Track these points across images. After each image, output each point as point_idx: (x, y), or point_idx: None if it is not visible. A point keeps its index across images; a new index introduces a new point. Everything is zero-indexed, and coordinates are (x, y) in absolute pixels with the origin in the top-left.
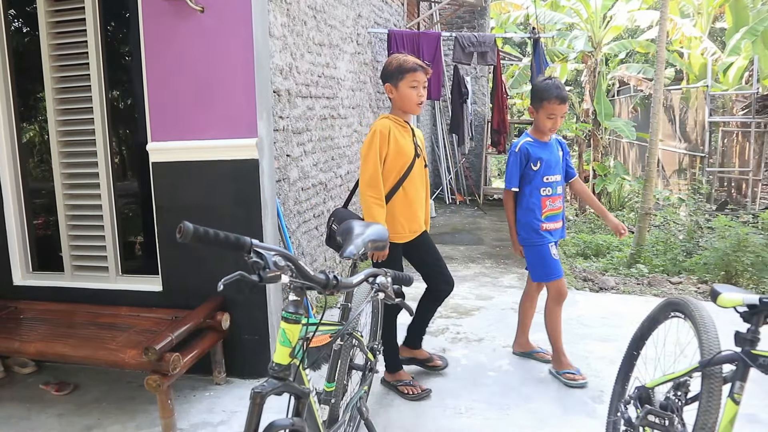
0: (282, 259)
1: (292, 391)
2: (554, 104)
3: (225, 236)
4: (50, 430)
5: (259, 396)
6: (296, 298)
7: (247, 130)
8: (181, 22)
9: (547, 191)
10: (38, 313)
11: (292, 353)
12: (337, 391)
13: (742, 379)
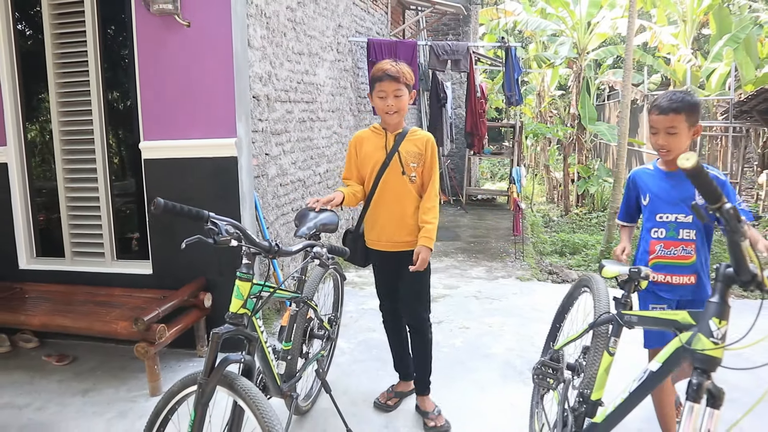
0: (232, 228)
1: (243, 334)
2: (653, 116)
3: (188, 209)
4: (51, 393)
5: (217, 336)
6: (247, 261)
7: (226, 131)
8: (170, 35)
9: (659, 233)
10: (41, 293)
11: (244, 305)
12: (293, 350)
13: (616, 335)
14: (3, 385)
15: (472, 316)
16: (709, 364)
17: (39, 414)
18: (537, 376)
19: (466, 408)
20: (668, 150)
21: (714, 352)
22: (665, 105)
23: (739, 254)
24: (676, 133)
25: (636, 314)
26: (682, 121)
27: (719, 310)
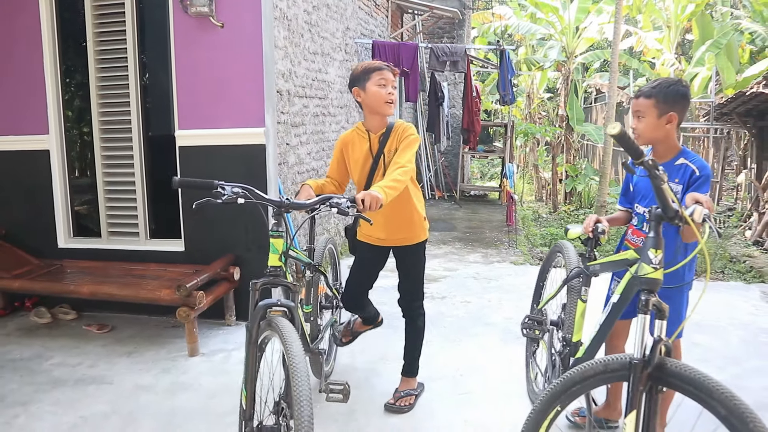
0: (239, 188)
1: (281, 283)
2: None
3: (200, 181)
4: (98, 355)
5: (255, 284)
6: (275, 220)
7: (256, 121)
8: (205, 34)
9: (634, 220)
10: (80, 269)
11: (280, 258)
12: (314, 312)
13: (586, 284)
14: (52, 349)
15: (472, 293)
16: (651, 284)
17: (91, 370)
18: (525, 328)
19: (471, 363)
20: (638, 134)
21: (653, 274)
22: (641, 90)
23: (662, 196)
24: (643, 117)
25: (598, 263)
26: (651, 106)
27: (654, 242)
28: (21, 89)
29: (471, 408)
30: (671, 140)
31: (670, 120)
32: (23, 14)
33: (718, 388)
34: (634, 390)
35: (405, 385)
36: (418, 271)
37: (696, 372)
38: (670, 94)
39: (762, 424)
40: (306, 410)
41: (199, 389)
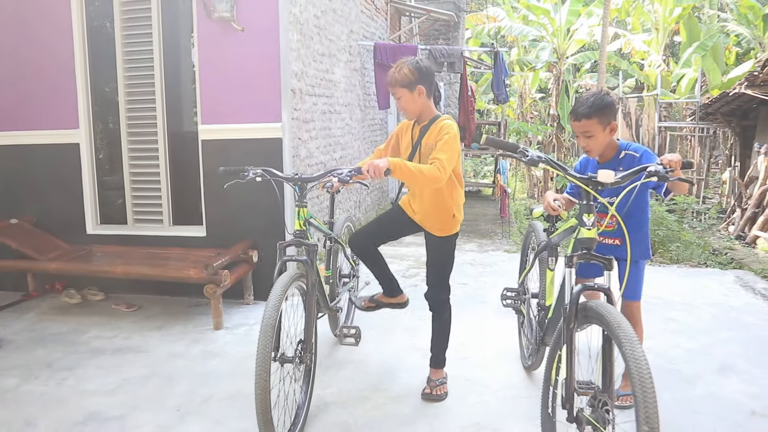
0: (260, 170)
1: (303, 243)
2: (572, 122)
3: (234, 168)
4: (130, 329)
5: (281, 244)
6: (300, 193)
7: (274, 116)
8: (226, 37)
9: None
10: (107, 253)
11: (303, 224)
12: (333, 275)
13: (552, 255)
14: (87, 324)
15: (469, 277)
16: (588, 242)
17: (127, 342)
18: (504, 299)
19: (470, 334)
20: (590, 149)
21: (588, 234)
22: (579, 111)
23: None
24: (592, 135)
25: (555, 234)
26: (596, 124)
27: (587, 209)
28: (53, 87)
29: (471, 369)
30: (612, 142)
31: (613, 129)
32: (56, 18)
33: (608, 316)
34: (566, 327)
35: (435, 375)
36: (443, 264)
37: (602, 308)
38: (605, 108)
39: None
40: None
41: (227, 356)
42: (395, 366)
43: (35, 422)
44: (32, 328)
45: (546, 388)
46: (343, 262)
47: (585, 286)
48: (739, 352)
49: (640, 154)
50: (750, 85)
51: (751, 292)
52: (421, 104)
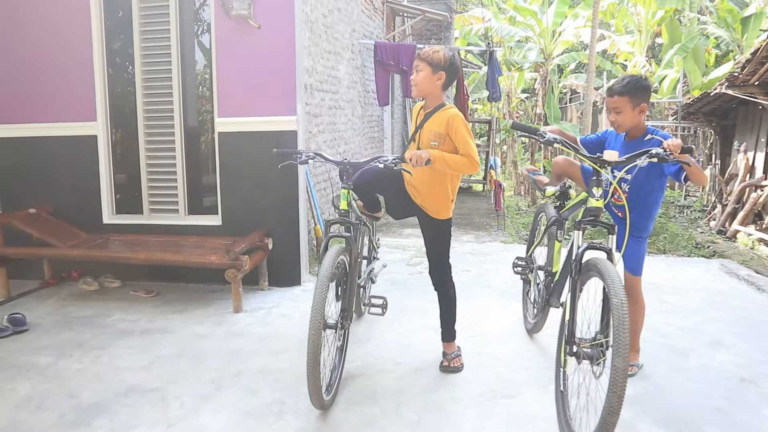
0: (311, 153)
1: (348, 222)
2: (607, 98)
3: (287, 150)
4: (153, 313)
5: (327, 222)
6: (345, 176)
7: (288, 110)
8: (243, 34)
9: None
10: (125, 241)
11: (348, 204)
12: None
13: (560, 228)
14: (109, 309)
15: (471, 264)
16: (595, 211)
17: (151, 324)
18: (515, 267)
19: (478, 314)
20: (618, 125)
21: (596, 203)
22: (614, 89)
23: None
24: (622, 112)
25: (565, 210)
26: (626, 102)
27: (596, 183)
28: (72, 80)
29: (482, 344)
30: (641, 124)
31: (642, 110)
32: (75, 15)
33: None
34: (572, 278)
35: (449, 348)
36: (442, 245)
37: (600, 262)
38: (639, 90)
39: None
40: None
41: (251, 336)
42: (410, 343)
43: (78, 394)
44: (56, 313)
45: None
46: (367, 245)
47: (590, 244)
48: (727, 329)
49: (666, 136)
50: (730, 85)
51: (735, 278)
52: (433, 88)
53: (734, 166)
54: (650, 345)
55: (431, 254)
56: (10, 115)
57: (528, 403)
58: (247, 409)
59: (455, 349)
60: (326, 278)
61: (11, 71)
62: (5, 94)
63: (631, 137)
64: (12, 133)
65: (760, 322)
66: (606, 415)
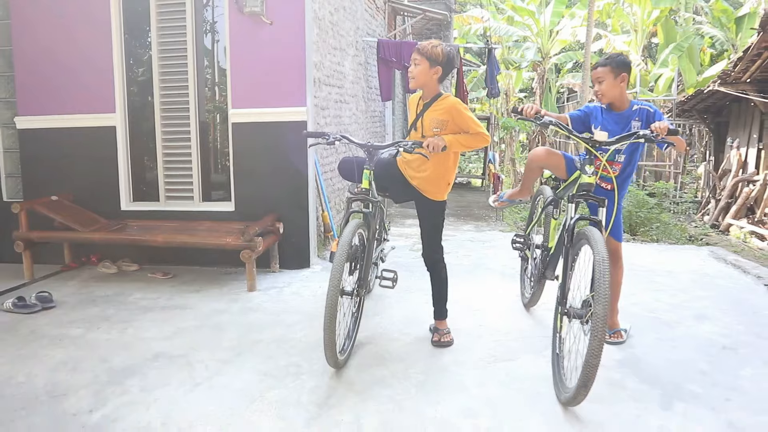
0: (339, 135)
1: (367, 198)
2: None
3: (318, 132)
4: (171, 292)
5: (351, 199)
6: (367, 158)
7: (299, 101)
8: (256, 29)
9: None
10: (142, 226)
11: (369, 183)
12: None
13: (556, 206)
14: (129, 289)
15: (471, 250)
16: (587, 186)
17: (170, 302)
18: (513, 243)
19: (479, 292)
20: (602, 94)
21: (588, 179)
22: (598, 62)
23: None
24: (604, 80)
25: (561, 189)
26: (609, 71)
27: (589, 161)
28: (93, 74)
29: (482, 318)
30: (624, 95)
31: (623, 79)
32: (96, 12)
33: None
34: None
35: (441, 325)
36: (436, 226)
37: (588, 230)
38: (620, 62)
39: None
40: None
41: (266, 311)
42: (415, 318)
43: (109, 359)
44: (80, 292)
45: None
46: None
47: (582, 216)
48: (712, 305)
49: (654, 110)
50: (723, 82)
51: (723, 262)
52: (429, 81)
53: (727, 162)
54: (639, 318)
55: (425, 235)
56: (33, 107)
57: (525, 366)
58: (266, 371)
59: (446, 327)
60: (346, 245)
61: (35, 65)
62: (30, 87)
63: (617, 109)
64: (35, 125)
65: (744, 299)
66: (589, 358)
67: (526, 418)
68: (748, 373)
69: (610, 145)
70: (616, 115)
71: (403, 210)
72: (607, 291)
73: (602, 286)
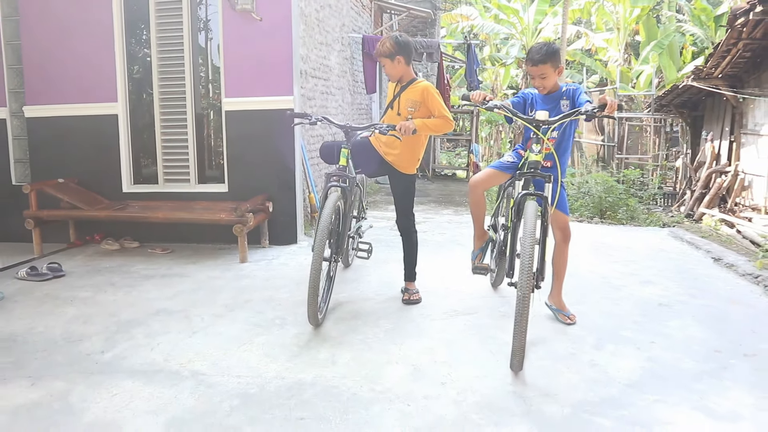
0: (321, 117)
1: (344, 175)
2: (529, 66)
3: (304, 114)
4: (169, 264)
5: (328, 174)
6: (346, 140)
7: (286, 91)
8: (247, 25)
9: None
10: (143, 206)
11: (347, 161)
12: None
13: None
14: (131, 262)
15: (447, 229)
16: (534, 164)
17: (170, 271)
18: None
19: (450, 263)
20: (544, 87)
21: (536, 157)
22: (536, 58)
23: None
24: (547, 77)
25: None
26: (549, 67)
27: (535, 140)
28: (96, 66)
29: (449, 282)
30: (555, 80)
31: (560, 71)
32: (98, 7)
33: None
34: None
35: (410, 286)
36: (408, 196)
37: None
38: (556, 55)
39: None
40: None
41: (256, 278)
42: (389, 282)
43: (117, 314)
44: (86, 264)
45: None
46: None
47: (527, 192)
48: (659, 273)
49: (576, 87)
50: (696, 78)
51: (679, 241)
52: (401, 70)
53: (702, 154)
54: (591, 283)
55: (399, 205)
56: (41, 97)
57: (482, 318)
58: (255, 322)
59: (415, 287)
60: (328, 216)
61: (42, 58)
62: (37, 79)
63: (550, 92)
64: (43, 113)
65: (689, 269)
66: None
67: (476, 353)
68: (676, 324)
69: (552, 124)
70: (548, 97)
71: (387, 197)
72: (531, 251)
73: (527, 247)
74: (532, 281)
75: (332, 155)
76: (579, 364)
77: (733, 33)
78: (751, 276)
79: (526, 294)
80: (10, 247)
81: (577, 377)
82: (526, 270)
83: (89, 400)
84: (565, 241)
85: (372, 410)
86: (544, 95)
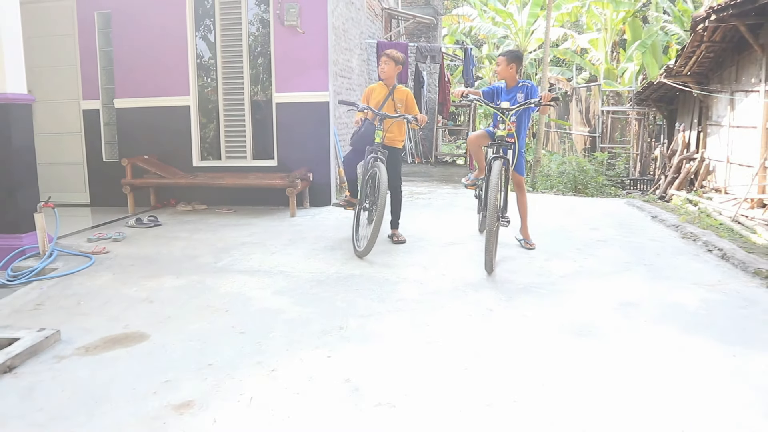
0: (364, 105)
1: (379, 150)
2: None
3: (348, 101)
4: (236, 218)
5: (369, 149)
6: (378, 123)
7: (323, 87)
8: (292, 36)
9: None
10: (209, 176)
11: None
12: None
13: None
14: (205, 219)
15: (445, 199)
16: (501, 138)
17: (239, 221)
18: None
19: (448, 222)
20: (497, 73)
21: (501, 133)
22: (508, 57)
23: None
24: (500, 66)
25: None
26: (504, 61)
27: (501, 122)
28: (172, 67)
29: (447, 231)
30: (514, 76)
31: (513, 67)
32: (176, 18)
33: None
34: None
35: (395, 232)
36: (398, 164)
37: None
38: (512, 56)
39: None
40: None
41: (305, 225)
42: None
43: (215, 244)
44: (172, 219)
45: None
46: None
47: (496, 155)
48: (606, 224)
49: (530, 84)
50: (667, 75)
51: (631, 207)
52: (393, 75)
53: (675, 143)
54: (553, 229)
55: (392, 170)
56: (128, 91)
57: (470, 247)
58: (313, 249)
59: (399, 232)
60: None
61: (130, 61)
62: (124, 76)
63: (510, 85)
64: (129, 105)
65: (631, 223)
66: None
67: (464, 263)
68: (606, 251)
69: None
70: (509, 90)
71: None
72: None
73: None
74: (496, 214)
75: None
76: (532, 267)
77: (696, 36)
78: (674, 226)
79: (491, 222)
80: (102, 209)
81: (530, 273)
82: (491, 207)
83: (218, 284)
84: (522, 193)
85: (399, 285)
86: (507, 88)
